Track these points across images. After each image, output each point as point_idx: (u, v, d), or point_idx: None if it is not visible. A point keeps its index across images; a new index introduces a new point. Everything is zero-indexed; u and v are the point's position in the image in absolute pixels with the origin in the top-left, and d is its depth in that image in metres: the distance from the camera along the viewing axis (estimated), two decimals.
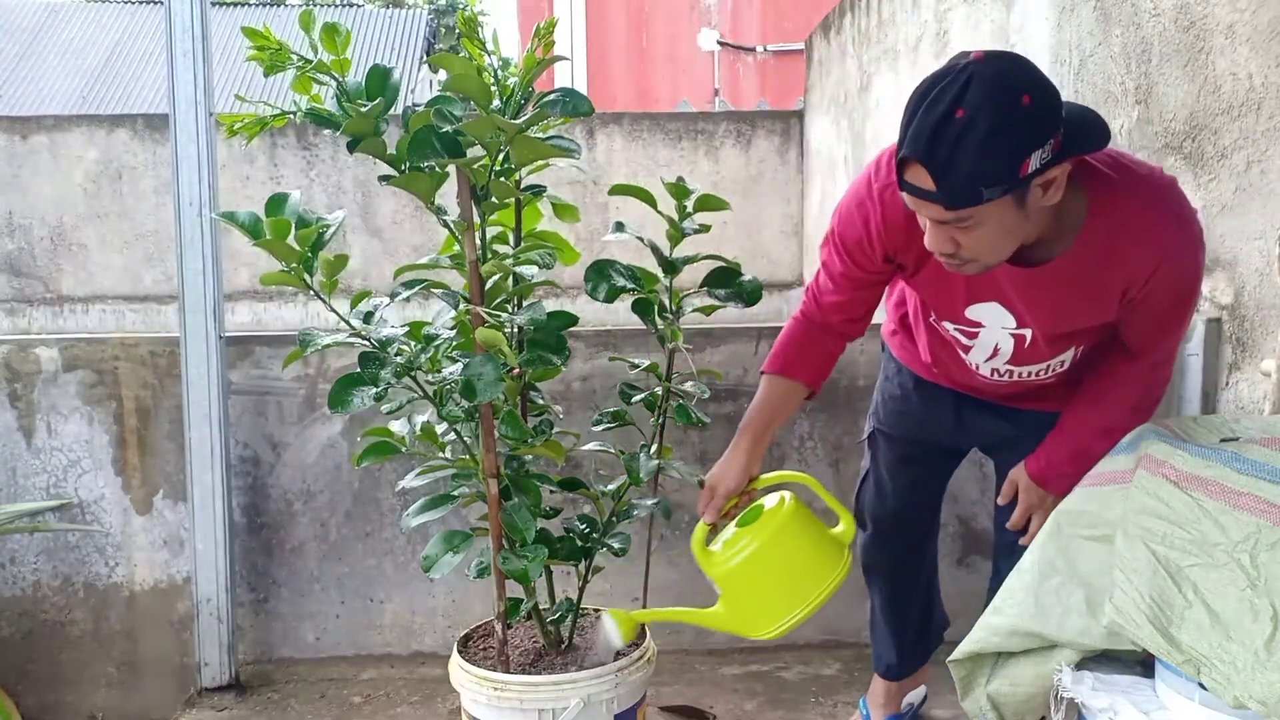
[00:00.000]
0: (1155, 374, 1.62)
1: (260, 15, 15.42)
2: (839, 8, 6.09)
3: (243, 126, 1.63)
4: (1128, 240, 1.41)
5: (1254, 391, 2.37)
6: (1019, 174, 1.25)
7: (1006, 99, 1.22)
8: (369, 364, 1.68)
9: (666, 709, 2.31)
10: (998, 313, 1.54)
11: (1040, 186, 1.29)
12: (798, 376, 1.70)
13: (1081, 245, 1.42)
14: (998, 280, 1.48)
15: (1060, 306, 1.50)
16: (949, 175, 1.24)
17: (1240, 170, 2.36)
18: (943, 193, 1.26)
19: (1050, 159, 1.26)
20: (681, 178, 1.76)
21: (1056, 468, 1.65)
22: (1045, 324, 1.54)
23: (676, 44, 11.26)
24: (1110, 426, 1.53)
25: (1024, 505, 1.71)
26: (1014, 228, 1.33)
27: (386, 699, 2.43)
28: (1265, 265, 2.29)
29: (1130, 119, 2.82)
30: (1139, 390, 1.60)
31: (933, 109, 1.24)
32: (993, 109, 1.21)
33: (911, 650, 2.21)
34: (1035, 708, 1.52)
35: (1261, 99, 2.29)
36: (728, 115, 7.66)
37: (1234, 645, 1.17)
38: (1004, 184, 1.25)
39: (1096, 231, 1.41)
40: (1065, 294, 1.47)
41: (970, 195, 1.25)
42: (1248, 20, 2.33)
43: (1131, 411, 1.57)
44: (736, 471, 1.67)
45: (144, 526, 2.58)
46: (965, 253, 1.35)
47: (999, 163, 1.23)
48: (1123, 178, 1.42)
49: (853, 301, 1.66)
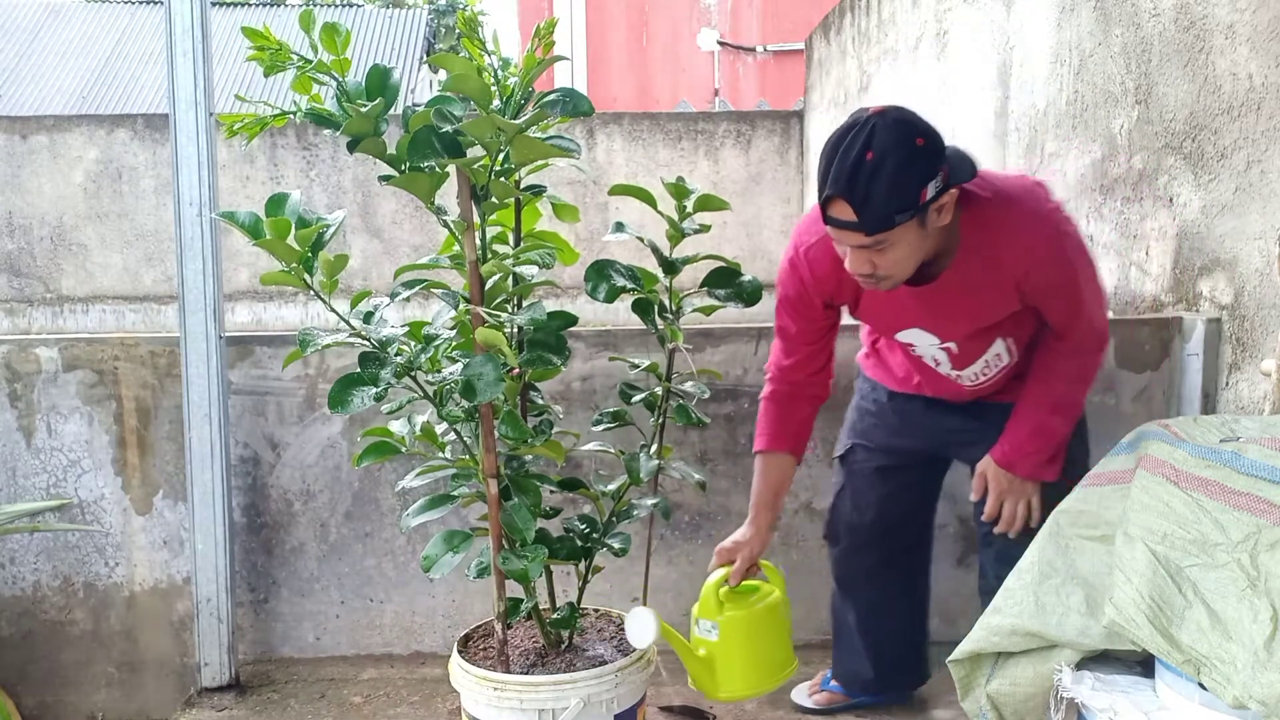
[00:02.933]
0: (1085, 346, 1.80)
1: (260, 15, 15.42)
2: (839, 8, 6.09)
3: (243, 127, 1.63)
4: (996, 243, 1.67)
5: (1254, 391, 2.36)
6: (920, 201, 1.53)
7: (905, 141, 1.51)
8: (369, 364, 1.68)
9: (666, 709, 2.30)
10: (922, 335, 1.82)
11: (936, 210, 1.58)
12: (782, 448, 1.93)
13: (963, 255, 1.68)
14: (908, 306, 1.75)
15: (963, 310, 1.75)
16: (867, 207, 1.50)
17: (1240, 170, 2.36)
18: (863, 222, 1.52)
19: (942, 187, 1.55)
20: (681, 178, 1.76)
21: (1019, 448, 1.82)
22: (958, 328, 1.78)
23: (676, 44, 11.25)
24: (1059, 400, 1.79)
25: (995, 493, 1.85)
26: (918, 246, 1.61)
27: (386, 699, 2.43)
28: (1265, 265, 2.29)
29: (1130, 119, 2.82)
30: (1074, 363, 1.80)
31: (847, 154, 1.50)
32: (895, 150, 1.49)
33: (890, 673, 2.24)
34: (1035, 708, 1.52)
35: (1261, 99, 2.29)
36: (728, 115, 7.66)
37: (1234, 645, 1.17)
38: (910, 210, 1.52)
39: (972, 241, 1.67)
40: (963, 299, 1.73)
41: (885, 222, 1.52)
42: (1248, 20, 2.33)
43: (1072, 383, 1.79)
44: (759, 542, 1.89)
45: (144, 526, 2.59)
46: (881, 271, 1.61)
47: (905, 193, 1.51)
48: (988, 192, 1.68)
49: (809, 356, 1.92)
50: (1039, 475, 1.83)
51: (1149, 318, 2.63)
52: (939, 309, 1.75)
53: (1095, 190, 3.01)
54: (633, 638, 1.70)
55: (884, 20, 5.15)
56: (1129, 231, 2.85)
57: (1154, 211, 2.73)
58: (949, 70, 4.20)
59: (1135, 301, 2.83)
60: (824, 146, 1.54)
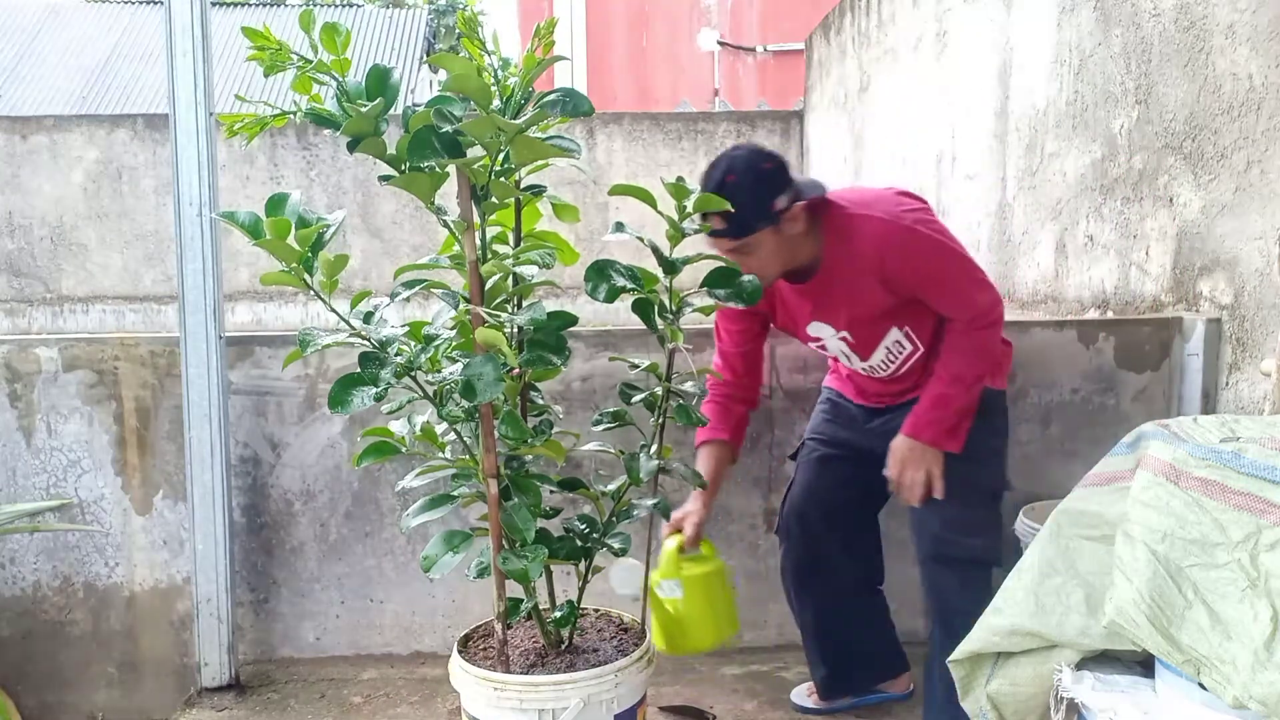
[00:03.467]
0: (975, 324, 2.02)
1: (260, 15, 15.42)
2: (839, 8, 6.09)
3: (243, 127, 1.63)
4: (853, 240, 1.96)
5: (1254, 391, 2.36)
6: (772, 210, 1.89)
7: (756, 165, 1.91)
8: (369, 364, 1.67)
9: (666, 709, 2.31)
10: (823, 327, 2.11)
11: (789, 220, 1.92)
12: (720, 437, 2.21)
13: (829, 254, 2.00)
14: (802, 304, 2.09)
15: (840, 298, 2.03)
16: (731, 217, 1.86)
17: (1240, 170, 2.36)
18: (729, 229, 1.90)
19: (790, 201, 1.91)
20: (681, 178, 1.75)
21: (921, 416, 2.03)
22: (841, 315, 2.06)
23: (676, 44, 11.25)
24: (956, 373, 2.01)
25: (897, 460, 2.04)
26: (778, 250, 1.95)
27: (386, 699, 2.43)
28: (1265, 265, 2.29)
29: (1130, 119, 2.82)
30: (966, 339, 2.02)
31: (712, 178, 1.91)
32: (748, 172, 1.89)
33: (848, 671, 2.31)
34: (1035, 708, 1.52)
35: (1261, 99, 2.29)
36: (728, 115, 7.66)
37: (1234, 645, 1.17)
38: (765, 219, 1.89)
39: (835, 242, 1.98)
40: (837, 289, 2.02)
41: (746, 228, 1.90)
42: (1248, 20, 2.33)
43: (966, 355, 2.01)
44: (705, 513, 2.13)
45: (144, 526, 2.59)
46: (751, 273, 1.86)
47: (760, 204, 1.88)
48: (848, 203, 2.00)
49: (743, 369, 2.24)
50: (940, 443, 2.02)
51: (1149, 318, 2.63)
52: (822, 302, 2.07)
53: (1095, 190, 3.02)
54: (616, 583, 1.85)
55: (884, 20, 5.14)
56: (1129, 231, 2.85)
57: (1154, 211, 2.73)
58: (949, 70, 4.20)
59: (1135, 301, 2.83)
60: (700, 178, 1.91)
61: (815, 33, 6.89)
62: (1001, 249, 3.68)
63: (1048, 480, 2.61)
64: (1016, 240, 3.56)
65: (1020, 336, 2.60)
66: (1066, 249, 3.20)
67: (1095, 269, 3.03)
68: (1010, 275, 3.62)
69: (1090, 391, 2.60)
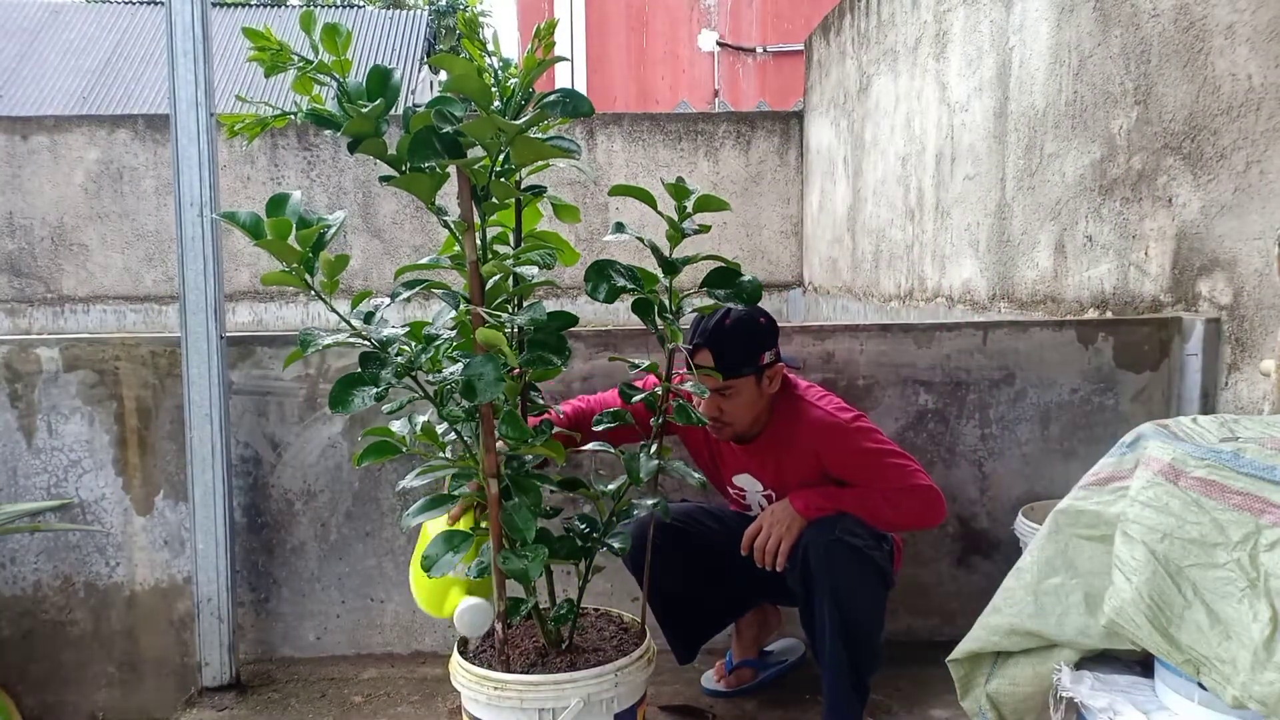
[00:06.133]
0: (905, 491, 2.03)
1: (261, 16, 15.43)
2: (838, 9, 6.09)
3: (244, 127, 1.64)
4: (798, 424, 2.10)
5: (1253, 391, 2.37)
6: (760, 362, 2.04)
7: (752, 319, 2.04)
8: (369, 364, 1.68)
9: (666, 709, 2.31)
10: (750, 480, 2.21)
11: (769, 377, 2.07)
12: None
13: (772, 427, 2.13)
14: (739, 458, 2.19)
15: (776, 467, 2.15)
16: (724, 357, 2.00)
17: (1240, 170, 2.37)
18: (719, 366, 1.99)
19: (774, 359, 2.07)
20: (681, 178, 1.76)
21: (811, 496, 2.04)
22: (776, 481, 2.16)
23: (676, 45, 11.26)
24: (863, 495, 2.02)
25: (762, 518, 2.06)
26: (753, 402, 2.07)
27: (387, 698, 2.43)
28: (1264, 265, 2.29)
29: (1130, 119, 2.83)
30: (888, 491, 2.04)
31: (712, 319, 2.02)
32: (744, 322, 2.03)
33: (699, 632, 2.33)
34: (1034, 707, 1.52)
35: (1261, 99, 2.29)
36: (727, 116, 7.67)
37: (1234, 645, 1.17)
38: (752, 366, 2.03)
39: (779, 419, 2.12)
40: (774, 459, 2.14)
41: (734, 370, 2.01)
42: (1247, 20, 2.33)
43: (884, 501, 2.02)
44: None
45: (144, 526, 2.59)
46: (725, 417, 2.07)
47: (750, 352, 2.03)
48: (802, 387, 2.17)
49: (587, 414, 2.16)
50: (809, 514, 2.02)
51: (1148, 318, 2.63)
52: (758, 461, 2.17)
53: (1095, 191, 3.02)
54: (462, 626, 1.74)
55: (883, 21, 5.15)
56: (1128, 232, 2.85)
57: (1153, 212, 2.73)
58: (948, 71, 4.21)
59: (1135, 302, 2.84)
60: (693, 322, 2.03)
61: (815, 33, 6.89)
62: (1001, 249, 3.69)
63: (1047, 480, 2.61)
64: (1016, 240, 3.56)
65: (1020, 336, 2.60)
66: (1066, 249, 3.20)
67: (1094, 269, 3.03)
68: (1009, 275, 3.62)
69: (1089, 392, 2.60)
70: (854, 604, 1.96)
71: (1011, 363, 2.60)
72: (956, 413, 2.61)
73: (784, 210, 7.47)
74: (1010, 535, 2.52)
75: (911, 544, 2.61)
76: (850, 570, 1.96)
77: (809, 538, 1.99)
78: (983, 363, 2.60)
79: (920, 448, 2.59)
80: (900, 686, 2.39)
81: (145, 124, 7.29)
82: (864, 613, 1.99)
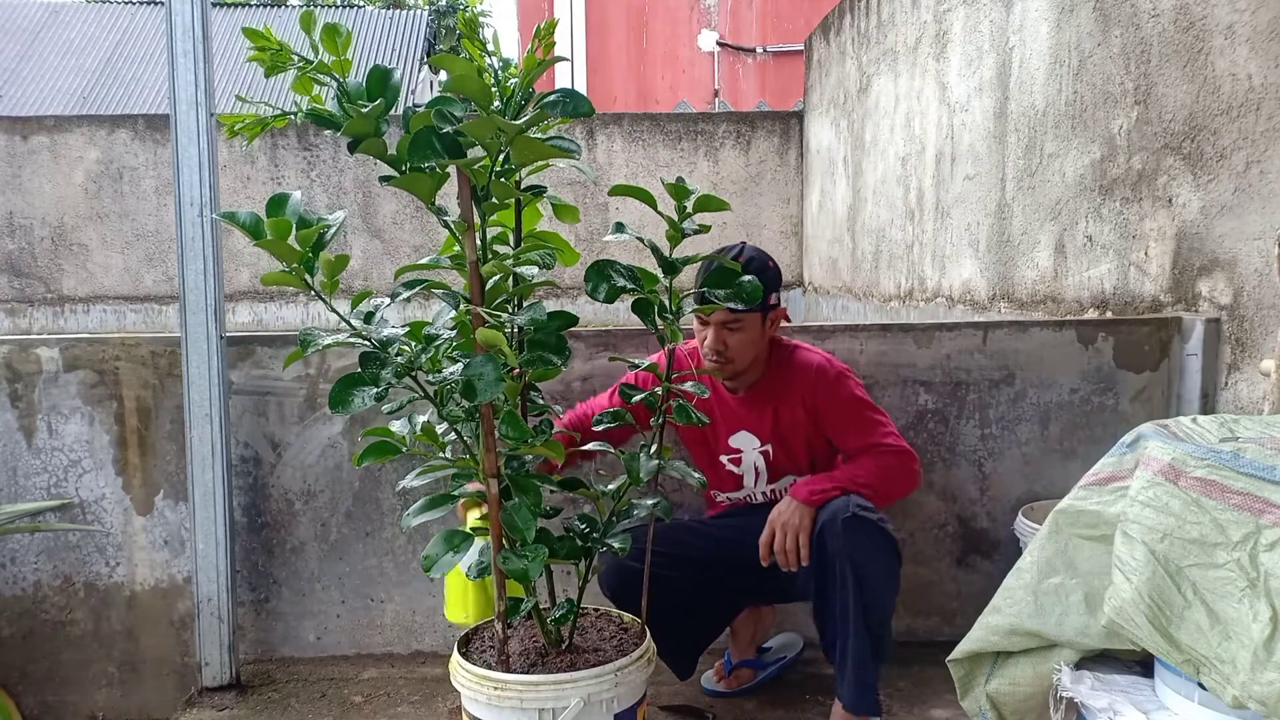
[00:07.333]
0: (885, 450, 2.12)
1: (261, 16, 15.43)
2: (838, 9, 6.09)
3: (244, 127, 1.64)
4: (792, 369, 2.19)
5: (1253, 391, 2.37)
6: (768, 301, 2.11)
7: (763, 258, 2.14)
8: (370, 364, 1.68)
9: (666, 709, 2.31)
10: (748, 437, 2.23)
11: (771, 319, 2.16)
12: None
13: (769, 374, 2.21)
14: (736, 412, 2.23)
15: (774, 417, 2.20)
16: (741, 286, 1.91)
17: (1239, 171, 2.37)
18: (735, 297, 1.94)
19: (778, 302, 2.17)
20: (681, 178, 1.76)
21: (809, 484, 2.07)
22: (773, 433, 2.21)
23: (676, 45, 11.26)
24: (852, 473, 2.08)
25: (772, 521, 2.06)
26: (756, 340, 2.14)
27: (387, 698, 2.43)
28: (1264, 265, 2.29)
29: (1130, 119, 2.83)
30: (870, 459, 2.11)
31: (729, 252, 2.07)
32: (757, 260, 2.11)
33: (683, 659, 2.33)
34: (1034, 707, 1.52)
35: (1261, 99, 2.29)
36: (727, 116, 7.67)
37: (1233, 645, 1.17)
38: (761, 303, 2.08)
39: (775, 366, 2.21)
40: (771, 408, 2.20)
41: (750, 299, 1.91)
42: (1247, 20, 2.34)
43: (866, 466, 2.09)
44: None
45: (145, 526, 2.59)
46: (729, 353, 2.12)
47: (761, 289, 1.90)
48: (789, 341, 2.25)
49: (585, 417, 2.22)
50: (815, 500, 2.05)
51: (1148, 318, 2.63)
52: (753, 413, 2.22)
53: (1095, 191, 3.02)
54: None
55: (883, 21, 5.15)
56: (1128, 232, 2.85)
57: (1153, 212, 2.73)
58: (948, 71, 4.21)
59: (1134, 302, 2.84)
60: (704, 262, 1.98)
61: (815, 33, 6.89)
62: (1001, 249, 3.69)
63: (1047, 480, 2.61)
64: (1016, 240, 3.56)
65: (1019, 336, 2.61)
66: (1066, 249, 3.20)
67: (1094, 269, 3.03)
68: (1009, 275, 3.62)
69: (1089, 392, 2.60)
70: (872, 573, 1.97)
71: (1011, 363, 2.60)
72: (956, 413, 2.61)
73: (784, 210, 7.47)
74: (1010, 535, 2.52)
75: (911, 544, 2.61)
76: (868, 541, 1.98)
77: (824, 519, 2.01)
78: (983, 363, 2.60)
79: (920, 448, 2.59)
80: (900, 686, 2.39)
81: (145, 124, 7.29)
82: (881, 583, 2.00)
